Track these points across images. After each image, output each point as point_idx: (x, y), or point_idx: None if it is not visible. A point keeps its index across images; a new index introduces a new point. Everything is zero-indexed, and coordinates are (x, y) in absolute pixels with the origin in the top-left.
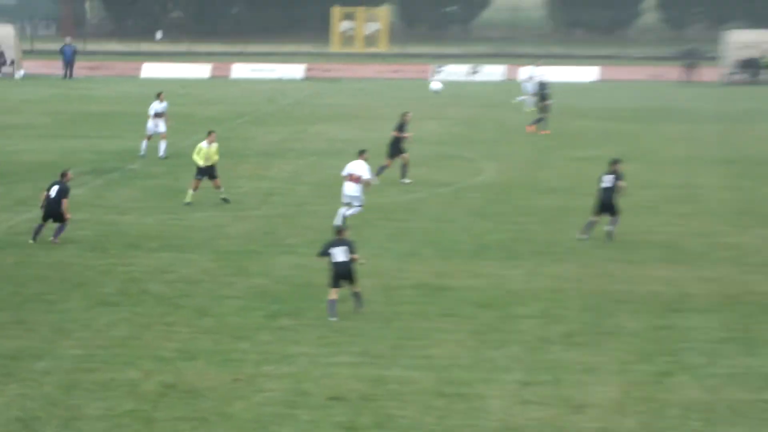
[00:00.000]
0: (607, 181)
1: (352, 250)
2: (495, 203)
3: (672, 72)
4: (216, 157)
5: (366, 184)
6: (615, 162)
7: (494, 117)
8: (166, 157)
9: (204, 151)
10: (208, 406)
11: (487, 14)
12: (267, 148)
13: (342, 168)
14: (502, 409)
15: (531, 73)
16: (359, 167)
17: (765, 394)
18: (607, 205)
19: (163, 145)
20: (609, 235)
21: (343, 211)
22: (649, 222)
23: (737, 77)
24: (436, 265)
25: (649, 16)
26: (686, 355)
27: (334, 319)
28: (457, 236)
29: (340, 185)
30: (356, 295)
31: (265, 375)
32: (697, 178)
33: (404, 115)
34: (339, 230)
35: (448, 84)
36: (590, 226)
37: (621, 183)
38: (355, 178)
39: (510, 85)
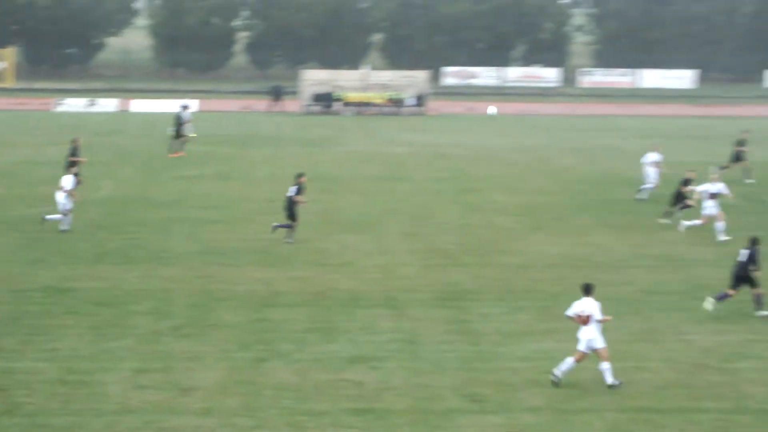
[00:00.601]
0: (291, 191)
1: None
2: (112, 216)
3: (260, 104)
4: None
5: (69, 194)
6: (300, 175)
7: (110, 142)
8: None
9: None
10: None
11: (103, 55)
12: None
13: None
14: (120, 394)
15: (181, 107)
16: (66, 180)
17: (344, 375)
18: (289, 212)
19: None
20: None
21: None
22: (245, 231)
23: (313, 108)
24: (61, 270)
25: (239, 57)
26: (278, 343)
27: None
28: (80, 245)
29: None
30: None
31: None
32: (283, 193)
33: (74, 140)
34: None
35: (67, 115)
36: (290, 231)
37: (298, 197)
38: (61, 189)
39: (123, 116)
